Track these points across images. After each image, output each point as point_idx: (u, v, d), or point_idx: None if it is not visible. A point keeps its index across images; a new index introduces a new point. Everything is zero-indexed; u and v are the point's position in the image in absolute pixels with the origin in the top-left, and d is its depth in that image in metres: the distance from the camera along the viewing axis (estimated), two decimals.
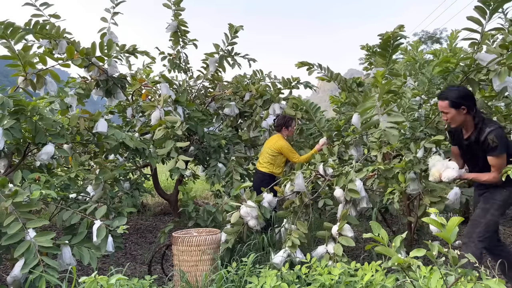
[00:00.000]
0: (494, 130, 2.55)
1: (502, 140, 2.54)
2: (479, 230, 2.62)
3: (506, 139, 2.57)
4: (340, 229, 2.90)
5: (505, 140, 2.56)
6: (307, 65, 4.35)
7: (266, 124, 4.75)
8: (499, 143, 2.52)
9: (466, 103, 2.58)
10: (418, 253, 1.58)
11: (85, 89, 4.06)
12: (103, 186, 3.48)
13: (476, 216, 2.69)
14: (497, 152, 2.54)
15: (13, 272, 2.37)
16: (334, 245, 2.86)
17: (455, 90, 2.63)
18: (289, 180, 3.43)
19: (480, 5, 2.86)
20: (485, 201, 2.67)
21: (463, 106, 2.58)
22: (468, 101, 2.59)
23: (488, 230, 2.64)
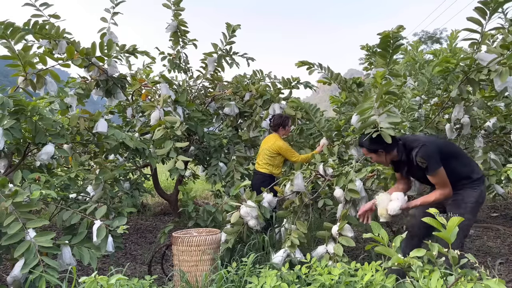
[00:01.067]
0: (419, 151, 2.53)
1: (430, 157, 2.50)
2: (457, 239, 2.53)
3: (433, 153, 2.51)
4: (340, 229, 2.90)
5: (432, 155, 2.51)
6: (307, 64, 4.35)
7: (266, 124, 4.75)
8: (428, 162, 2.50)
9: (380, 147, 2.60)
10: (418, 253, 1.59)
11: (85, 89, 4.06)
12: (103, 186, 3.48)
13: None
14: (431, 171, 2.52)
15: (13, 272, 2.37)
16: (334, 245, 2.86)
17: (367, 137, 2.63)
18: (288, 180, 3.43)
19: (480, 6, 2.87)
20: (458, 206, 2.55)
21: (379, 150, 2.61)
22: (380, 144, 2.58)
23: (465, 235, 2.58)
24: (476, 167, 2.67)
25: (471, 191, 2.55)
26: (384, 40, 2.87)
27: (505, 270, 3.40)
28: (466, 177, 2.58)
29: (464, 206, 2.52)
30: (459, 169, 2.58)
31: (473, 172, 2.59)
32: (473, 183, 2.57)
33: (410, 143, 2.61)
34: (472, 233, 4.73)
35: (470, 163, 2.66)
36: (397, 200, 2.68)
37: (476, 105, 3.71)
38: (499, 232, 4.74)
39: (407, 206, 2.66)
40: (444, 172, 2.51)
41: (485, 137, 4.24)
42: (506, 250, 4.00)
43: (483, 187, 2.60)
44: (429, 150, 2.51)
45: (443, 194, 2.55)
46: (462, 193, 2.56)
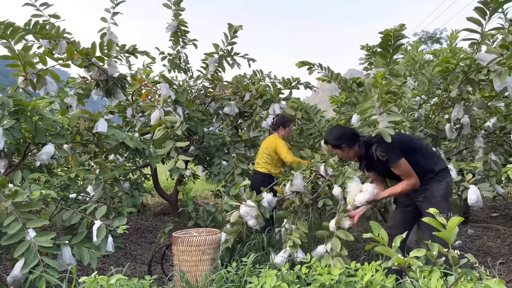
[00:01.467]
0: (378, 145, 2.62)
1: (389, 149, 2.58)
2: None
3: (392, 146, 2.58)
4: (338, 223, 2.90)
5: (392, 148, 2.58)
6: (307, 64, 4.35)
7: (266, 124, 4.75)
8: (388, 154, 2.59)
9: (343, 142, 2.72)
10: (418, 253, 1.58)
11: (85, 89, 4.06)
12: (103, 186, 3.47)
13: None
14: (392, 163, 2.59)
15: (13, 272, 2.37)
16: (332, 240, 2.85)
17: (331, 134, 2.81)
18: (288, 181, 3.43)
19: (480, 6, 2.87)
20: (429, 202, 2.59)
21: (342, 145, 2.73)
22: (343, 140, 2.72)
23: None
24: (438, 159, 2.73)
25: (438, 184, 2.61)
26: (385, 39, 2.86)
27: (505, 270, 3.40)
28: (430, 170, 2.64)
29: (435, 201, 2.57)
30: (422, 162, 2.64)
31: (436, 165, 2.65)
32: (437, 175, 2.63)
33: (371, 139, 2.70)
34: (472, 233, 4.73)
35: (432, 155, 2.73)
36: (365, 192, 2.75)
37: (476, 105, 3.71)
38: (499, 232, 4.74)
39: (374, 199, 2.76)
40: (406, 162, 2.58)
41: (485, 137, 4.24)
42: (506, 250, 4.00)
43: (449, 178, 2.67)
44: (387, 143, 2.59)
45: (410, 184, 2.62)
46: (429, 188, 2.62)
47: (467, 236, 4.61)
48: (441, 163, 2.69)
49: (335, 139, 2.77)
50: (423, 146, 2.76)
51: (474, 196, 3.04)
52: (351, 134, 2.74)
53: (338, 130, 2.84)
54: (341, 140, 2.73)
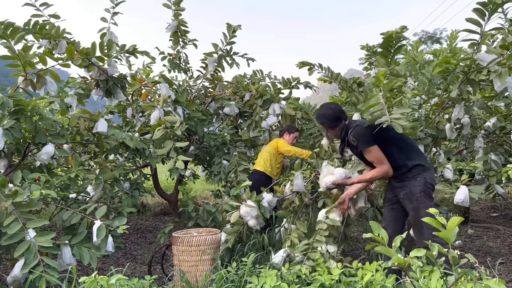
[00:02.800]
0: (353, 130, 2.69)
1: (361, 135, 2.63)
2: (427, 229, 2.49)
3: (364, 132, 2.62)
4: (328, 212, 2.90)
5: (364, 134, 2.62)
6: (307, 65, 4.35)
7: (266, 124, 4.76)
8: (359, 139, 2.63)
9: (324, 122, 2.83)
10: (418, 253, 1.58)
11: (85, 89, 4.06)
12: (103, 186, 3.47)
13: (414, 218, 2.61)
14: (361, 148, 2.64)
15: (13, 272, 2.38)
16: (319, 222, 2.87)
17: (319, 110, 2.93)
18: (288, 180, 3.43)
19: (479, 7, 2.87)
20: (409, 200, 2.61)
21: (324, 124, 2.84)
22: (325, 119, 2.82)
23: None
24: (415, 154, 2.68)
25: (414, 181, 2.59)
26: (387, 40, 2.85)
27: (505, 270, 3.40)
28: (403, 164, 2.63)
29: (415, 198, 2.57)
30: (396, 155, 2.64)
31: (410, 159, 2.63)
32: (411, 171, 2.61)
33: (350, 124, 2.77)
34: (472, 233, 4.73)
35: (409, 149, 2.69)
36: (331, 176, 2.81)
37: (476, 105, 3.71)
38: (499, 232, 4.74)
39: (343, 182, 2.81)
40: (378, 150, 2.60)
41: (485, 137, 4.24)
42: (506, 250, 4.00)
43: (427, 174, 2.61)
44: (360, 129, 2.65)
45: (380, 172, 2.63)
46: (407, 185, 2.62)
47: (467, 236, 4.61)
48: (417, 158, 2.65)
49: (318, 116, 2.89)
50: (401, 139, 2.72)
51: (462, 196, 3.04)
52: (332, 116, 2.80)
53: (323, 109, 2.91)
54: (323, 118, 2.84)
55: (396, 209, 2.76)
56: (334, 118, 2.79)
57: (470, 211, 5.48)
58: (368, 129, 2.62)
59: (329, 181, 2.82)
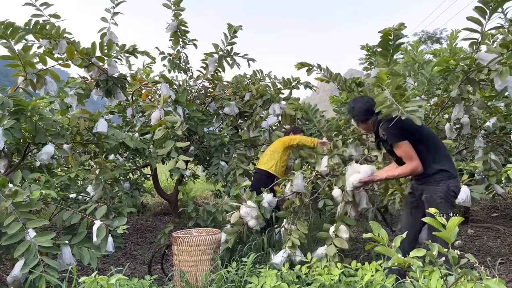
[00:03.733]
0: (382, 125, 2.64)
1: (391, 129, 2.57)
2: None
3: (395, 128, 2.56)
4: (336, 230, 2.90)
5: (394, 129, 2.56)
6: (306, 65, 4.35)
7: (266, 124, 4.75)
8: (389, 134, 2.59)
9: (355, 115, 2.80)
10: (418, 253, 1.58)
11: (85, 89, 4.05)
12: (103, 186, 3.48)
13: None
14: (391, 142, 2.59)
15: (13, 272, 2.38)
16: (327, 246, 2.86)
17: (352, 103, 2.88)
18: (288, 181, 3.43)
19: (480, 5, 2.86)
20: (429, 204, 2.54)
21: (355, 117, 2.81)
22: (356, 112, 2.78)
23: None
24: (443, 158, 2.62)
25: (436, 187, 2.54)
26: (384, 38, 2.84)
27: (505, 270, 3.40)
28: (429, 166, 2.57)
29: (435, 204, 2.51)
30: (424, 154, 2.58)
31: (436, 162, 2.57)
32: (434, 176, 2.55)
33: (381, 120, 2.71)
34: (472, 233, 4.73)
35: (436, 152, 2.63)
36: (358, 174, 2.73)
37: (476, 105, 3.70)
38: (499, 232, 4.74)
39: (370, 179, 2.74)
40: (409, 145, 2.54)
41: (485, 137, 4.24)
42: (506, 250, 4.00)
43: (452, 181, 2.55)
44: (392, 123, 2.57)
45: (409, 168, 2.57)
46: (427, 189, 2.57)
47: (467, 236, 4.61)
48: (445, 164, 2.59)
49: (350, 110, 2.87)
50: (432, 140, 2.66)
51: (464, 196, 3.04)
52: (363, 110, 2.75)
53: (353, 102, 2.87)
54: (354, 112, 2.81)
55: (414, 215, 2.70)
56: (365, 111, 2.74)
57: (470, 211, 5.48)
58: (399, 124, 2.54)
59: (356, 180, 2.72)
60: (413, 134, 2.57)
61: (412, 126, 2.55)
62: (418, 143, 2.58)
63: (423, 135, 2.62)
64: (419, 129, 2.61)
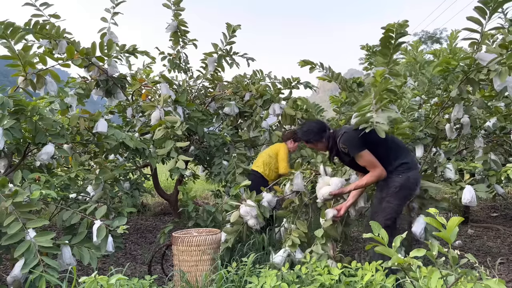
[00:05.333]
0: (341, 138, 2.74)
1: (350, 141, 2.67)
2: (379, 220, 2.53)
3: (353, 139, 2.66)
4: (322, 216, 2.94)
5: (353, 140, 2.67)
6: (309, 64, 4.35)
7: (266, 124, 4.75)
8: (349, 146, 2.68)
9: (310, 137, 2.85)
10: (418, 253, 1.58)
11: (85, 89, 4.06)
12: (103, 186, 3.47)
13: (373, 208, 2.70)
14: (354, 153, 2.67)
15: (13, 272, 2.38)
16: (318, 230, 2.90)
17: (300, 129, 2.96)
18: (288, 180, 3.43)
19: (480, 5, 2.86)
20: (380, 190, 2.68)
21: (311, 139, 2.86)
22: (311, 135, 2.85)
23: (386, 217, 2.60)
24: (402, 152, 2.73)
25: (395, 177, 2.64)
26: (387, 35, 2.81)
27: (505, 270, 3.40)
28: (389, 163, 2.67)
29: (386, 190, 2.63)
30: (386, 155, 2.68)
31: (397, 158, 2.68)
32: (397, 169, 2.65)
33: (337, 132, 2.81)
34: (472, 233, 4.73)
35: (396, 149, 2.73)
36: (328, 186, 2.84)
37: (476, 105, 3.70)
38: (499, 232, 4.74)
39: (340, 192, 2.83)
40: (370, 154, 2.63)
41: (485, 137, 4.24)
42: (506, 250, 4.00)
43: (412, 173, 2.65)
44: (349, 135, 2.69)
45: (374, 176, 2.67)
46: (387, 179, 2.67)
47: (467, 236, 4.61)
48: (404, 157, 2.70)
49: (303, 135, 2.90)
50: (391, 140, 2.76)
51: (469, 196, 3.04)
52: (317, 129, 2.84)
53: (305, 126, 2.94)
54: (309, 135, 2.86)
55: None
56: (319, 131, 2.84)
57: (470, 211, 5.48)
58: (356, 134, 2.65)
59: (326, 192, 2.85)
60: (372, 140, 2.66)
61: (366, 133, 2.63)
62: (377, 146, 2.67)
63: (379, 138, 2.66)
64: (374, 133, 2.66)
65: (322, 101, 58.37)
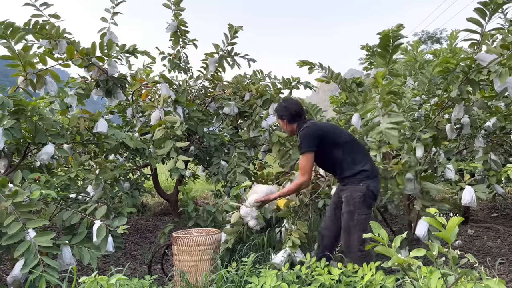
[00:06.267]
0: (301, 130, 2.70)
1: (305, 138, 2.63)
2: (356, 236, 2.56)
3: (309, 135, 2.63)
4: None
5: (308, 138, 2.63)
6: (308, 64, 4.35)
7: (266, 124, 4.75)
8: (302, 141, 2.64)
9: (284, 115, 2.81)
10: (418, 253, 1.58)
11: (85, 89, 4.05)
12: (103, 186, 3.47)
13: (345, 221, 2.63)
14: (302, 150, 2.65)
15: (13, 272, 2.38)
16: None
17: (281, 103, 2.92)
18: (288, 181, 3.43)
19: (480, 7, 2.86)
20: (347, 203, 2.62)
21: (283, 117, 2.82)
22: (285, 112, 2.80)
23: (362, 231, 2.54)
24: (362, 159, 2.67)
25: (356, 186, 2.59)
26: (383, 40, 2.85)
27: (505, 270, 3.40)
28: (350, 168, 2.63)
29: (353, 202, 2.58)
30: (343, 158, 2.64)
31: (356, 163, 2.63)
32: (355, 177, 2.61)
33: (304, 123, 2.77)
34: (472, 233, 4.73)
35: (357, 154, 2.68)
36: (256, 194, 2.89)
37: (476, 105, 3.70)
38: (499, 232, 4.74)
39: (266, 199, 2.85)
40: (310, 158, 2.62)
41: (485, 137, 4.24)
42: (506, 250, 4.00)
43: (371, 182, 2.61)
44: (307, 132, 2.66)
45: (297, 184, 2.69)
46: (348, 189, 2.62)
47: (467, 236, 4.61)
48: (365, 164, 2.65)
49: (280, 109, 2.86)
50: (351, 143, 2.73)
51: (469, 197, 3.04)
52: (294, 111, 2.79)
53: (286, 102, 2.90)
54: (284, 111, 2.82)
55: (337, 216, 2.77)
56: (295, 113, 2.79)
57: (470, 211, 5.48)
58: (315, 132, 2.64)
59: (252, 200, 2.90)
60: (329, 141, 2.66)
61: (328, 133, 2.67)
62: (335, 147, 2.66)
63: (340, 140, 2.69)
64: (336, 134, 2.71)
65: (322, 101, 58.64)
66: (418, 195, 2.98)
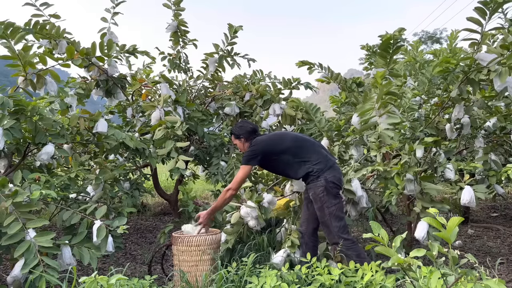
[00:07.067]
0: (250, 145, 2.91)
1: (248, 152, 2.84)
2: (334, 227, 2.66)
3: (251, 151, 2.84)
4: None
5: (248, 153, 2.84)
6: (307, 64, 4.35)
7: (266, 124, 4.75)
8: (245, 155, 2.84)
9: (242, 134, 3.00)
10: (418, 253, 1.58)
11: (85, 89, 4.05)
12: (103, 186, 3.47)
13: (320, 218, 2.75)
14: (242, 162, 2.84)
15: (13, 272, 2.38)
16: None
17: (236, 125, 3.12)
18: (288, 180, 3.43)
19: (480, 6, 2.86)
20: (315, 200, 2.74)
21: (241, 136, 3.01)
22: (243, 131, 3.00)
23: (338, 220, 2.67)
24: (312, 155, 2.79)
25: (316, 182, 2.72)
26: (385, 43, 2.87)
27: (505, 270, 3.40)
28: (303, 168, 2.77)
29: (319, 198, 2.70)
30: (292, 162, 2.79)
31: (308, 162, 2.76)
32: (312, 174, 2.73)
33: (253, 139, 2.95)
34: (472, 233, 4.73)
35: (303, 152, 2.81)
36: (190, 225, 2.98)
37: (476, 105, 3.70)
38: (499, 232, 4.74)
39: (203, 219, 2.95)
40: (245, 171, 2.81)
41: (485, 137, 4.24)
42: (506, 250, 4.00)
43: (327, 173, 2.72)
44: (252, 148, 2.85)
45: (224, 197, 2.86)
46: (311, 187, 2.75)
47: (467, 236, 4.61)
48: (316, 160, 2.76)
49: (237, 129, 3.04)
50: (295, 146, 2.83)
51: (468, 196, 3.04)
52: (250, 129, 3.00)
53: (241, 123, 3.11)
54: (242, 131, 3.01)
55: (311, 210, 2.88)
56: (251, 131, 2.99)
57: (470, 211, 5.48)
58: (258, 148, 2.81)
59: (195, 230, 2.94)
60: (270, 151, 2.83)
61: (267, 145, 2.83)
62: (279, 154, 2.82)
63: (281, 147, 2.83)
64: (279, 142, 2.86)
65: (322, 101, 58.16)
66: (418, 196, 2.97)
